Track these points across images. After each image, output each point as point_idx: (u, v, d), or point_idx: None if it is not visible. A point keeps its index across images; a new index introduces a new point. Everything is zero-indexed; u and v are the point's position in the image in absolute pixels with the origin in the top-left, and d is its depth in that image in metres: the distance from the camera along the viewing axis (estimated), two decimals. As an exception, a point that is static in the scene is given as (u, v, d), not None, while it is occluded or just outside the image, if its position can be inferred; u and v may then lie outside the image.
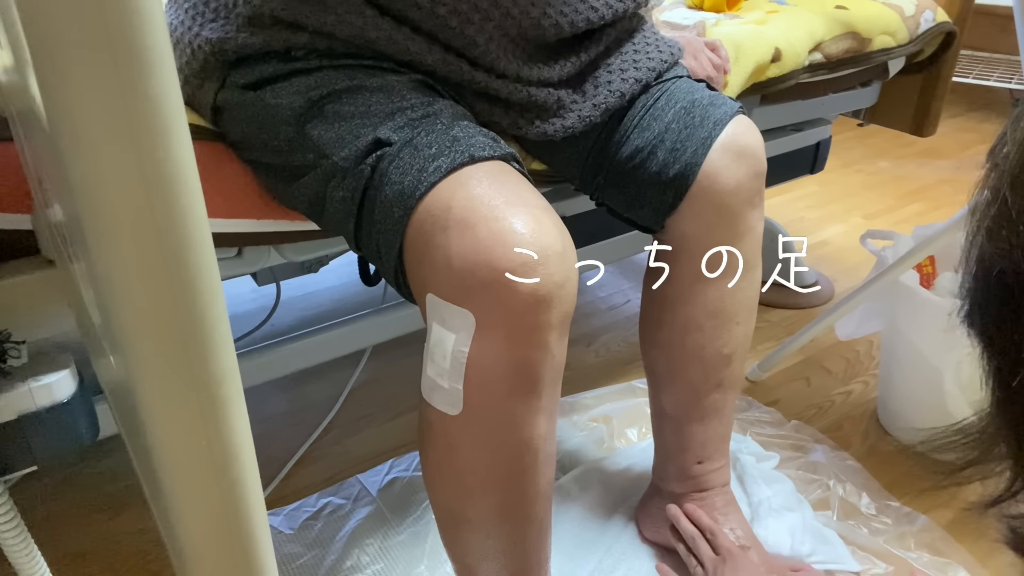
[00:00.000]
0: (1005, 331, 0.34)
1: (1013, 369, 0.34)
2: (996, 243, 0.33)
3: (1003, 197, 0.33)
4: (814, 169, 1.42)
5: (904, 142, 2.33)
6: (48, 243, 0.66)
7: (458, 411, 0.60)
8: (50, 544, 0.98)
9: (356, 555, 0.97)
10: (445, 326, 0.58)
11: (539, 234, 0.57)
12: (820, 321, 1.24)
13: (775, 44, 1.05)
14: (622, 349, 1.40)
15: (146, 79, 0.26)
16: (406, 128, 0.63)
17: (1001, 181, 0.33)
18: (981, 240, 0.34)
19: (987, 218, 0.34)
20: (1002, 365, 0.35)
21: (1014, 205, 0.32)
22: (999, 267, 0.33)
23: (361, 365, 1.34)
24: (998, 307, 0.34)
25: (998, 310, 0.34)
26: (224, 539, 0.36)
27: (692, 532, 0.89)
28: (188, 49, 0.72)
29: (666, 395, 0.90)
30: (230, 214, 0.75)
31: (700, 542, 0.87)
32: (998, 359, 0.35)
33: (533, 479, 0.65)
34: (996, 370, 0.35)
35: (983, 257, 0.34)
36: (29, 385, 0.54)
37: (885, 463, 1.13)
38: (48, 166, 0.41)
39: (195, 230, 0.29)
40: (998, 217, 0.33)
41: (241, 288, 1.48)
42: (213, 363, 0.31)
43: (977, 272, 0.35)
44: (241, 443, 0.34)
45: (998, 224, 0.33)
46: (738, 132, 0.78)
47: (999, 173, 0.34)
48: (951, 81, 1.35)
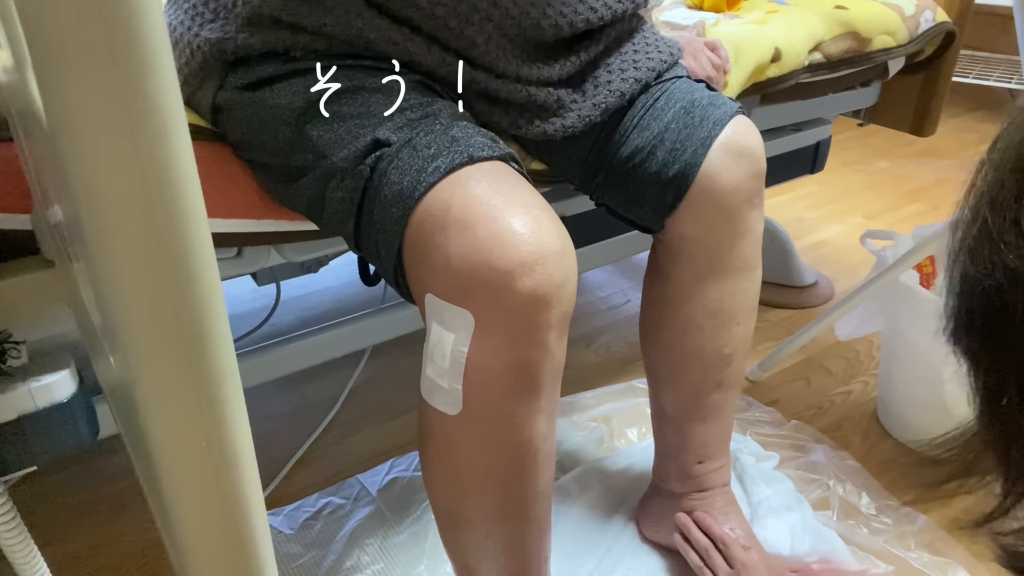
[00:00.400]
0: (991, 351, 0.34)
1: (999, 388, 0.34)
2: (978, 263, 0.33)
3: (983, 217, 0.33)
4: (814, 169, 1.42)
5: (904, 142, 2.33)
6: (48, 243, 0.66)
7: (457, 411, 0.60)
8: (50, 544, 0.98)
9: (356, 555, 0.97)
10: (444, 326, 0.58)
11: (538, 234, 0.57)
12: (820, 321, 1.24)
13: (775, 44, 1.05)
14: (622, 349, 1.40)
15: (146, 79, 0.26)
16: (405, 128, 0.63)
17: (980, 201, 0.33)
18: (963, 259, 0.34)
19: (968, 237, 0.34)
20: (988, 384, 0.35)
21: (994, 225, 0.32)
22: (982, 286, 0.33)
23: (361, 365, 1.34)
24: (983, 327, 0.34)
25: (983, 330, 0.34)
26: (224, 539, 0.36)
27: (705, 544, 0.88)
28: (187, 49, 0.72)
29: (666, 395, 0.90)
30: (230, 214, 0.75)
31: (714, 554, 0.87)
32: (984, 378, 0.35)
33: (532, 479, 0.65)
34: (982, 388, 0.35)
35: (966, 276, 0.34)
36: (29, 385, 0.54)
37: (885, 463, 1.13)
38: (48, 166, 0.41)
39: (195, 230, 0.29)
40: (979, 237, 0.33)
41: (241, 288, 1.48)
42: (213, 363, 0.31)
43: (961, 291, 0.35)
44: (241, 443, 0.34)
45: (979, 244, 0.33)
46: (738, 132, 0.78)
47: (978, 193, 0.34)
48: (951, 81, 1.35)
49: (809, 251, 1.73)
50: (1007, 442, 0.35)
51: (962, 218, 0.35)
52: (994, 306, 0.33)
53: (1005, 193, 0.32)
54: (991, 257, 0.32)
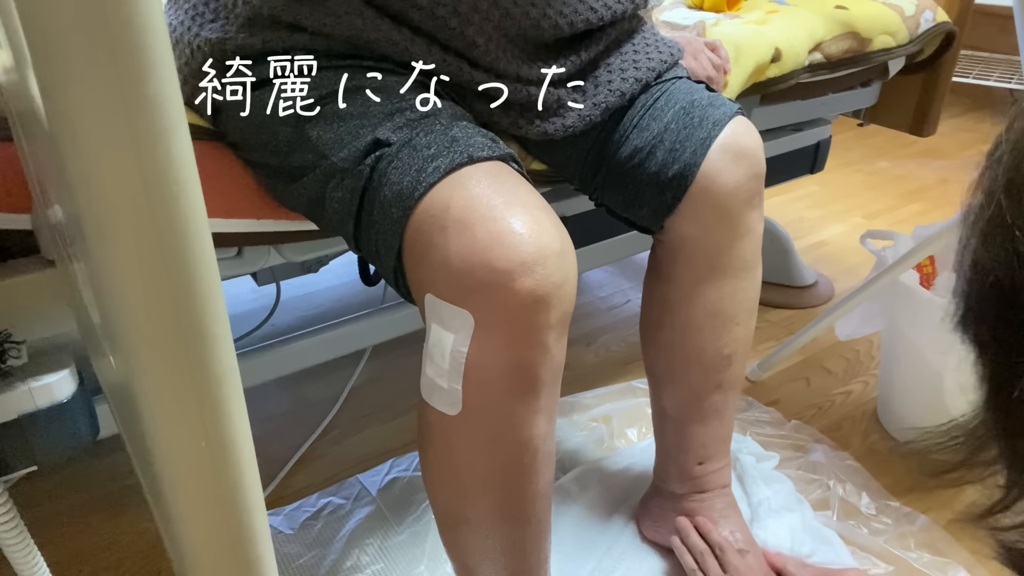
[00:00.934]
0: (1000, 339, 0.33)
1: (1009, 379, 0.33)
2: (991, 249, 0.32)
3: (998, 201, 0.32)
4: (814, 169, 1.42)
5: (904, 142, 2.32)
6: (48, 243, 0.66)
7: (457, 411, 0.60)
8: (50, 544, 0.98)
9: (356, 555, 0.97)
10: (444, 326, 0.58)
11: (538, 234, 0.57)
12: (820, 321, 1.24)
13: (775, 44, 1.05)
14: (622, 349, 1.40)
15: (146, 79, 0.26)
16: (405, 129, 0.63)
17: (995, 185, 0.32)
18: (975, 245, 0.33)
19: (981, 222, 0.33)
20: (996, 373, 0.34)
21: (1009, 210, 0.31)
22: (994, 274, 0.32)
23: (361, 365, 1.34)
24: (993, 315, 0.33)
25: (993, 318, 0.33)
26: (224, 539, 0.36)
27: (702, 548, 0.88)
28: (188, 49, 0.72)
29: (667, 396, 0.90)
30: (230, 214, 0.75)
31: (709, 558, 0.87)
32: (992, 366, 0.34)
33: (532, 479, 0.65)
34: (990, 377, 0.34)
35: (977, 263, 0.33)
36: (29, 385, 0.54)
37: (885, 463, 1.13)
38: (48, 166, 0.41)
39: (195, 230, 0.29)
40: (992, 222, 0.32)
41: (241, 288, 1.48)
42: (213, 363, 0.31)
43: (972, 278, 0.34)
44: (241, 443, 0.34)
45: (993, 230, 0.32)
46: (737, 133, 0.78)
47: (993, 177, 0.33)
48: (951, 81, 1.35)
49: (809, 251, 1.73)
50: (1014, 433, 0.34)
51: (975, 204, 0.33)
52: (1006, 295, 0.32)
53: (1022, 177, 0.31)
54: (1004, 244, 0.31)
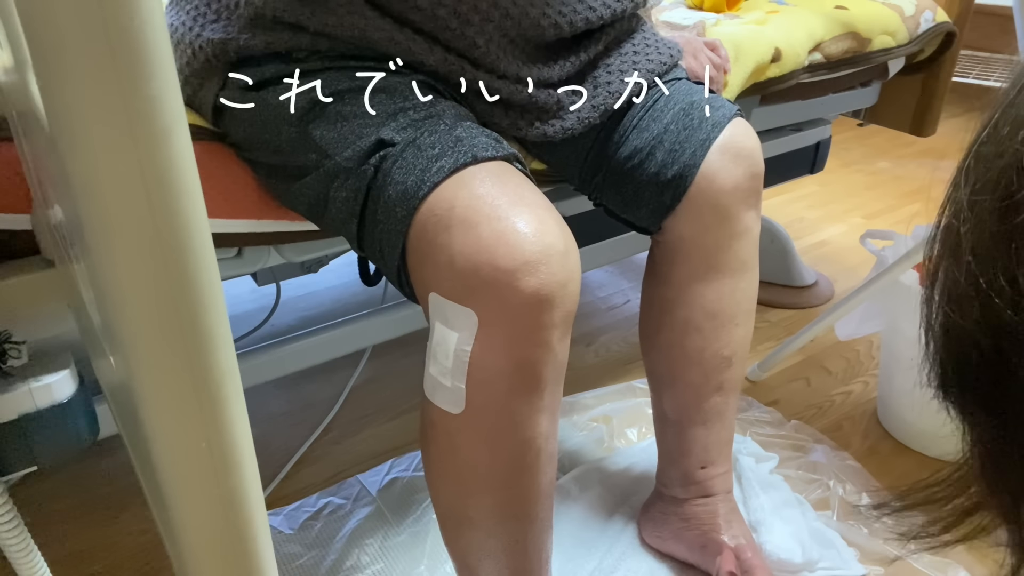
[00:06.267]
0: (991, 411, 0.28)
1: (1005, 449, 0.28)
2: (966, 318, 0.27)
3: (967, 265, 0.27)
4: (814, 169, 1.42)
5: (904, 142, 2.32)
6: (48, 243, 0.66)
7: (460, 410, 0.60)
8: (50, 544, 0.98)
9: (356, 555, 0.97)
10: (448, 325, 0.58)
11: (542, 233, 0.57)
12: (820, 321, 1.24)
13: (775, 44, 1.05)
14: (622, 349, 1.40)
15: (146, 80, 0.26)
16: (409, 128, 0.63)
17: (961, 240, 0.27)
18: (946, 309, 0.28)
19: (949, 281, 0.28)
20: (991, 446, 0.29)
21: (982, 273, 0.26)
22: (976, 343, 0.27)
23: (361, 365, 1.34)
24: (981, 386, 0.28)
25: (981, 389, 0.28)
26: (224, 539, 0.36)
27: None
28: (189, 50, 0.72)
29: (667, 399, 0.90)
30: (230, 214, 0.75)
31: None
32: (985, 439, 0.29)
33: (535, 478, 0.65)
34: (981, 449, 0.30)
35: (951, 329, 0.28)
36: (29, 385, 0.54)
37: (885, 463, 1.13)
38: (48, 166, 0.41)
39: (195, 230, 0.29)
40: (963, 285, 0.27)
41: (241, 288, 1.48)
42: (213, 363, 0.31)
43: (948, 345, 0.29)
44: (241, 443, 0.34)
45: (965, 295, 0.27)
46: (736, 134, 0.78)
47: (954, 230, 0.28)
48: (951, 81, 1.35)
49: (809, 251, 1.73)
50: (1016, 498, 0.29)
51: (941, 266, 0.29)
52: (991, 363, 0.27)
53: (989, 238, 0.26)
54: (983, 311, 0.26)
